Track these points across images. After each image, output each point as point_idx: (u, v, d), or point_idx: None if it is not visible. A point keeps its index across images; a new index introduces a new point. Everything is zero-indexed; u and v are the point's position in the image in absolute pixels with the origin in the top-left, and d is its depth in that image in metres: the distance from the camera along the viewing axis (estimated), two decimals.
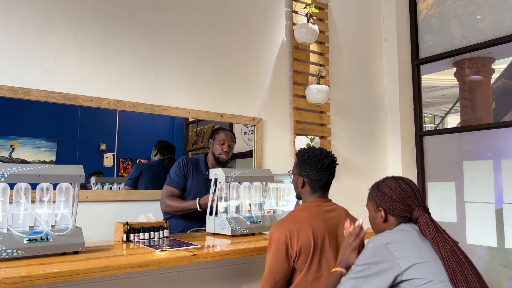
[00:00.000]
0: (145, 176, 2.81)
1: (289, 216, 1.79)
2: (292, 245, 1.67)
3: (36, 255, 1.55)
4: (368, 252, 1.46)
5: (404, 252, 1.42)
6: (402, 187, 1.56)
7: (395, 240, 1.45)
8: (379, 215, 1.59)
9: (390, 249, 1.42)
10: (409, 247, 1.44)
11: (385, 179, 1.62)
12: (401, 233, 1.49)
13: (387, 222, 1.57)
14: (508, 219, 3.37)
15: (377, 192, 1.61)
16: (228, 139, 2.74)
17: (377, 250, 1.44)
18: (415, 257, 1.42)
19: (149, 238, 1.99)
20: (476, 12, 3.79)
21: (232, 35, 3.27)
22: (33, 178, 1.58)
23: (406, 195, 1.55)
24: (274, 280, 1.67)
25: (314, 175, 1.82)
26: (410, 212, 1.53)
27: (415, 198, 1.55)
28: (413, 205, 1.54)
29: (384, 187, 1.59)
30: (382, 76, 4.26)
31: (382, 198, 1.57)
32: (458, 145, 3.82)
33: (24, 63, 2.41)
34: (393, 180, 1.60)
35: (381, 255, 1.43)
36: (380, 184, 1.62)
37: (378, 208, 1.59)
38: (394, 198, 1.55)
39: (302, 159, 1.86)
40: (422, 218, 1.51)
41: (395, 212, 1.55)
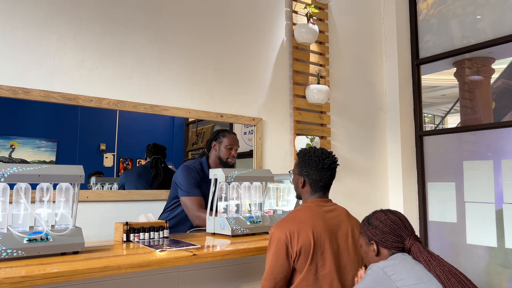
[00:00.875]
0: (130, 182, 2.76)
1: (290, 216, 1.79)
2: (292, 245, 1.67)
3: (36, 255, 1.55)
4: (367, 278, 1.50)
5: (401, 275, 1.46)
6: (391, 219, 1.60)
7: (390, 264, 1.49)
8: (371, 248, 1.61)
9: (387, 273, 1.46)
10: (405, 269, 1.48)
11: (374, 213, 1.66)
12: (396, 260, 1.53)
13: (379, 255, 1.60)
14: (508, 219, 3.37)
15: (368, 226, 1.63)
16: (236, 143, 2.71)
17: (375, 276, 1.48)
18: (412, 278, 1.45)
19: (149, 238, 1.99)
20: (476, 12, 3.79)
21: (232, 35, 3.27)
22: (33, 178, 1.58)
23: (396, 226, 1.58)
24: (275, 280, 1.67)
25: (314, 175, 1.82)
26: (402, 243, 1.57)
27: (405, 228, 1.59)
28: (404, 235, 1.57)
29: (374, 220, 1.62)
30: (382, 76, 4.26)
31: (373, 231, 1.60)
32: (458, 145, 3.82)
33: (24, 63, 2.41)
34: (382, 212, 1.64)
35: (378, 280, 1.47)
36: (370, 218, 1.65)
37: (370, 241, 1.61)
38: (385, 229, 1.58)
39: (303, 159, 1.86)
40: (414, 247, 1.55)
41: (387, 244, 1.58)
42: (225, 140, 2.68)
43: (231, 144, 2.68)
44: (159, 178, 2.87)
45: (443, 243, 3.82)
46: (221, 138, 2.70)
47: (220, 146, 2.68)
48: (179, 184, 2.56)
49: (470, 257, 3.59)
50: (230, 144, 2.68)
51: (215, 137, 2.74)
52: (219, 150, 2.68)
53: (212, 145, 2.72)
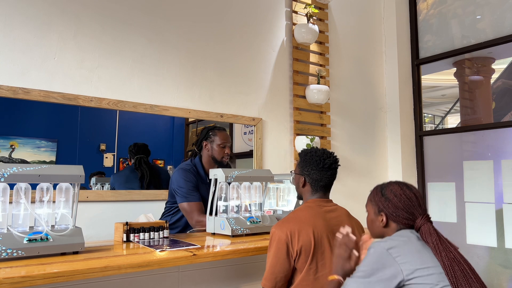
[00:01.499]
0: (119, 185, 2.73)
1: (290, 216, 1.79)
2: (293, 245, 1.67)
3: (36, 255, 1.54)
4: (370, 258, 1.45)
5: (406, 257, 1.41)
6: (407, 195, 1.54)
7: (396, 245, 1.44)
8: (379, 219, 1.57)
9: (392, 254, 1.42)
10: (411, 252, 1.43)
11: (390, 184, 1.59)
12: (401, 239, 1.48)
13: (387, 228, 1.56)
14: (508, 219, 3.37)
15: (381, 196, 1.57)
16: (228, 140, 2.59)
17: (380, 256, 1.43)
18: (417, 262, 1.41)
19: (149, 238, 1.98)
20: (476, 12, 3.79)
21: (232, 35, 3.27)
22: (33, 178, 1.58)
23: (410, 203, 1.53)
24: (275, 280, 1.67)
25: (315, 175, 1.82)
26: (413, 220, 1.52)
27: (419, 207, 1.53)
28: (416, 213, 1.52)
29: (388, 193, 1.56)
30: (382, 76, 4.26)
31: (386, 204, 1.55)
32: (458, 145, 3.82)
33: (24, 63, 2.41)
34: (398, 186, 1.57)
35: (383, 261, 1.42)
36: (384, 188, 1.58)
37: (380, 212, 1.57)
38: (399, 205, 1.53)
39: (304, 159, 1.87)
40: (424, 227, 1.50)
41: (398, 219, 1.53)
42: (217, 139, 2.55)
43: (223, 142, 2.55)
44: (146, 178, 2.81)
45: None
46: (212, 137, 2.57)
47: (212, 145, 2.56)
48: (177, 189, 2.47)
49: (470, 257, 3.58)
50: (222, 143, 2.55)
51: (205, 136, 2.60)
52: (212, 150, 2.56)
53: (203, 144, 2.59)
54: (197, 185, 2.49)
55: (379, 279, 1.40)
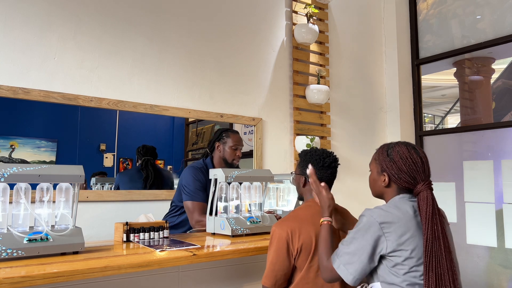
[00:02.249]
0: (123, 184, 2.75)
1: (291, 214, 1.80)
2: (293, 243, 1.67)
3: (36, 255, 1.54)
4: (361, 227, 1.46)
5: (395, 235, 1.43)
6: (413, 158, 1.51)
7: (390, 220, 1.44)
8: (381, 179, 1.56)
9: (383, 229, 1.43)
10: (400, 228, 1.44)
11: (397, 145, 1.57)
12: (397, 213, 1.47)
13: (388, 188, 1.56)
14: (508, 219, 3.37)
15: (386, 156, 1.55)
16: (240, 142, 2.60)
17: (370, 227, 1.44)
18: (403, 242, 1.43)
19: (149, 238, 1.98)
20: (476, 12, 3.79)
21: (232, 35, 3.27)
22: (33, 178, 1.58)
23: (415, 168, 1.51)
24: (275, 278, 1.68)
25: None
26: (414, 185, 1.51)
27: (423, 172, 1.51)
28: (418, 178, 1.50)
29: (394, 154, 1.53)
30: (382, 76, 4.26)
31: (390, 165, 1.53)
32: (458, 145, 3.82)
33: (24, 63, 2.41)
34: (406, 148, 1.54)
35: (372, 231, 1.43)
36: (391, 148, 1.56)
37: (383, 172, 1.56)
38: (403, 168, 1.51)
39: (304, 158, 1.87)
40: (423, 193, 1.48)
41: (399, 182, 1.52)
42: (229, 141, 2.57)
43: (235, 145, 2.57)
44: (150, 179, 2.84)
45: None
46: (225, 139, 2.59)
47: (224, 147, 2.58)
48: (184, 186, 2.47)
49: (470, 257, 3.59)
50: (235, 145, 2.57)
51: (218, 138, 2.62)
52: (224, 151, 2.58)
53: (215, 145, 2.61)
54: (205, 185, 2.49)
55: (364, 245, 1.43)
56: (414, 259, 1.42)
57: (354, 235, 1.47)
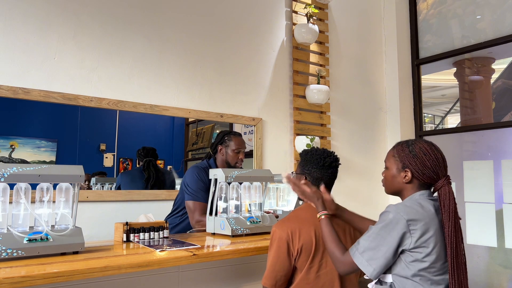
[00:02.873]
0: (125, 185, 2.76)
1: (291, 215, 1.79)
2: (293, 244, 1.67)
3: (36, 255, 1.54)
4: (388, 223, 1.46)
5: (420, 232, 1.44)
6: (436, 155, 1.55)
7: (416, 217, 1.46)
8: (403, 175, 1.57)
9: (410, 226, 1.44)
10: (425, 228, 1.45)
11: (418, 142, 1.59)
12: (421, 210, 1.48)
13: (410, 184, 1.56)
14: (508, 219, 3.37)
15: (408, 153, 1.57)
16: (243, 145, 2.60)
17: (398, 223, 1.44)
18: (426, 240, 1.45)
19: (149, 238, 1.98)
20: (476, 12, 3.79)
21: (232, 35, 3.27)
22: (33, 178, 1.58)
23: (438, 163, 1.54)
24: (275, 279, 1.68)
25: (316, 173, 1.82)
26: (436, 180, 1.54)
27: (444, 168, 1.56)
28: (440, 174, 1.55)
29: (418, 150, 1.55)
30: (382, 76, 4.26)
31: (414, 161, 1.55)
32: (458, 145, 3.82)
33: (24, 63, 2.41)
34: (427, 144, 1.58)
35: (399, 228, 1.44)
36: (413, 146, 1.57)
37: (405, 168, 1.56)
38: (427, 164, 1.53)
39: (305, 158, 1.87)
40: (445, 188, 1.52)
41: (423, 177, 1.54)
42: (232, 144, 2.56)
43: (238, 148, 2.56)
44: (152, 180, 2.85)
45: None
46: (227, 142, 2.58)
47: (227, 150, 2.57)
48: (187, 186, 2.47)
49: (470, 257, 3.59)
50: (237, 148, 2.56)
51: (220, 141, 2.61)
52: (226, 154, 2.57)
53: (218, 148, 2.60)
54: (208, 186, 2.46)
55: (387, 241, 1.44)
56: (434, 256, 1.45)
57: (379, 232, 1.46)
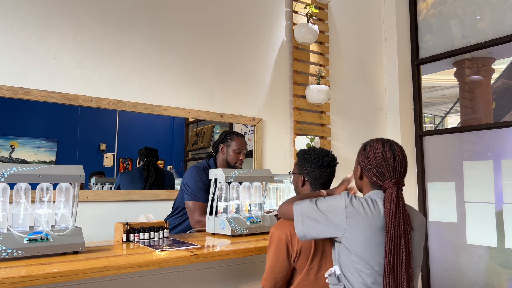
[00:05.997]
0: (124, 184, 2.75)
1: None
2: (292, 245, 1.67)
3: (36, 255, 1.54)
4: (332, 202, 1.52)
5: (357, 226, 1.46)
6: (386, 155, 1.53)
7: (357, 210, 1.47)
8: (357, 171, 1.65)
9: (347, 214, 1.47)
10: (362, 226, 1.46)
11: (376, 141, 1.60)
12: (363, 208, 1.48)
13: (362, 180, 1.63)
14: (508, 219, 3.37)
15: (362, 150, 1.62)
16: (244, 146, 2.60)
17: (338, 207, 1.49)
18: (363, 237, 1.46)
19: (149, 238, 1.98)
20: (476, 12, 3.79)
21: (232, 35, 3.27)
22: (33, 178, 1.58)
23: (384, 164, 1.52)
24: (275, 280, 1.67)
25: (314, 173, 1.82)
26: (382, 181, 1.52)
27: (393, 170, 1.52)
28: (387, 175, 1.52)
29: (369, 149, 1.58)
30: (382, 76, 4.26)
31: (362, 158, 1.60)
32: (458, 145, 3.82)
33: (24, 63, 2.41)
34: (381, 144, 1.57)
35: (337, 213, 1.49)
36: (368, 144, 1.61)
37: (358, 165, 1.64)
38: (372, 162, 1.55)
39: (303, 158, 1.87)
40: (389, 190, 1.49)
41: (368, 175, 1.58)
42: (234, 144, 2.57)
43: (239, 148, 2.57)
44: (151, 180, 2.84)
45: (443, 243, 3.82)
46: (229, 141, 2.59)
47: (228, 150, 2.58)
48: (187, 186, 2.48)
49: (470, 257, 3.59)
50: (238, 148, 2.56)
51: (223, 140, 2.62)
52: (227, 154, 2.58)
53: (219, 147, 2.61)
54: (208, 186, 2.46)
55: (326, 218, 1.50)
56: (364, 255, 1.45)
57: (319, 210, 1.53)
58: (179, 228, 2.55)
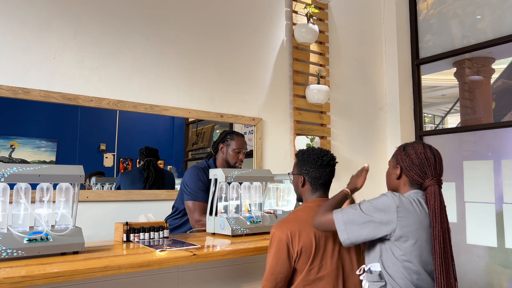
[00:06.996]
0: (124, 184, 2.75)
1: (291, 216, 1.79)
2: (293, 245, 1.67)
3: (36, 255, 1.54)
4: (379, 202, 1.55)
5: (407, 223, 1.52)
6: (427, 154, 1.62)
7: (407, 208, 1.54)
8: (395, 171, 1.67)
9: (398, 213, 1.52)
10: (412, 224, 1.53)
11: (415, 143, 1.69)
12: (412, 206, 1.56)
13: (400, 179, 1.66)
14: (508, 219, 3.37)
15: (402, 151, 1.68)
16: (244, 146, 2.60)
17: (388, 206, 1.53)
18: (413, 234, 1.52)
19: (149, 238, 1.98)
20: (476, 12, 3.79)
21: (232, 35, 3.27)
22: (33, 178, 1.58)
23: (426, 162, 1.61)
24: (275, 281, 1.67)
25: (314, 173, 1.82)
26: (423, 180, 1.60)
27: (434, 168, 1.61)
28: (428, 173, 1.60)
29: (410, 149, 1.66)
30: (382, 76, 4.26)
31: (404, 158, 1.65)
32: (458, 145, 3.82)
33: (24, 63, 2.41)
34: (422, 145, 1.66)
35: (387, 212, 1.53)
36: (408, 146, 1.68)
37: (397, 165, 1.67)
38: (415, 161, 1.62)
39: (302, 158, 1.87)
40: (431, 187, 1.58)
41: (410, 174, 1.63)
42: (233, 143, 2.56)
43: (239, 148, 2.56)
44: (151, 180, 2.84)
45: None
46: (229, 141, 2.58)
47: (228, 149, 2.57)
48: (186, 186, 2.47)
49: (470, 257, 3.59)
50: (238, 148, 2.56)
51: (222, 139, 2.61)
52: (227, 154, 2.57)
53: (219, 147, 2.60)
54: (208, 186, 2.45)
55: (373, 220, 1.53)
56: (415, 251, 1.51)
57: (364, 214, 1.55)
58: (180, 230, 2.55)
